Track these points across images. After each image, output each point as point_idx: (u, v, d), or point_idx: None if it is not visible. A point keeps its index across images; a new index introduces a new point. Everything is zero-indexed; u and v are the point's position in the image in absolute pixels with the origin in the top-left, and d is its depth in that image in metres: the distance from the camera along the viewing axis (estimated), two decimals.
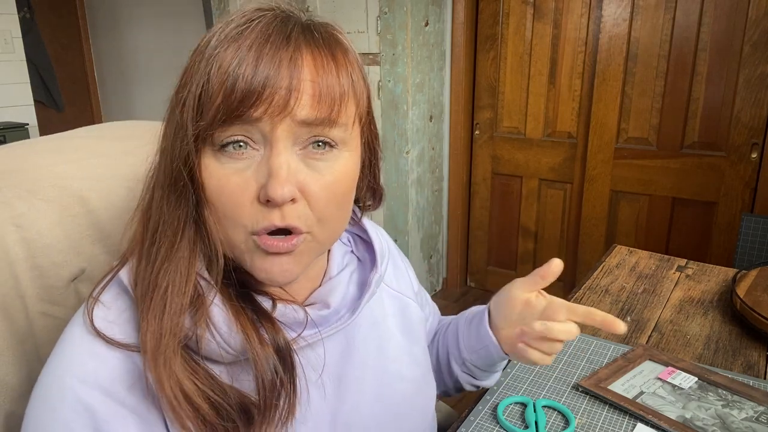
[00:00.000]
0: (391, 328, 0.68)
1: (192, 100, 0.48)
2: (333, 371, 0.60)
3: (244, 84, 0.46)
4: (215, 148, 0.48)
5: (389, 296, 0.70)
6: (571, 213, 2.68)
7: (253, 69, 0.46)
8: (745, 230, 1.79)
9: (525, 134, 2.70)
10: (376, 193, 0.64)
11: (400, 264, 0.76)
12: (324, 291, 0.59)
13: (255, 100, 0.46)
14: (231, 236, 0.50)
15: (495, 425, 0.76)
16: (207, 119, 0.47)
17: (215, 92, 0.47)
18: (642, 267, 1.28)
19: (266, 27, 0.49)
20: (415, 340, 0.71)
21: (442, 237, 2.98)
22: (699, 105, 2.25)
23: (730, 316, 1.05)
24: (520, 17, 2.58)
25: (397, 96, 2.52)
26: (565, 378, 0.86)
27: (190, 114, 0.48)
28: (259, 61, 0.47)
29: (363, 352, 0.63)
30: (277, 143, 0.47)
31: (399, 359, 0.67)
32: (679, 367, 0.86)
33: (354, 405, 0.61)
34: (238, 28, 0.49)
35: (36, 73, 3.98)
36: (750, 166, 2.20)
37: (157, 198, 0.52)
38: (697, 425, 0.73)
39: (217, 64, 0.47)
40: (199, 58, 0.49)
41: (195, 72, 0.49)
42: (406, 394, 0.66)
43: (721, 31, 2.15)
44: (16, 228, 0.61)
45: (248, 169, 0.48)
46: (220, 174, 0.48)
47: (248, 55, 0.47)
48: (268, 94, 0.46)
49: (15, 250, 0.61)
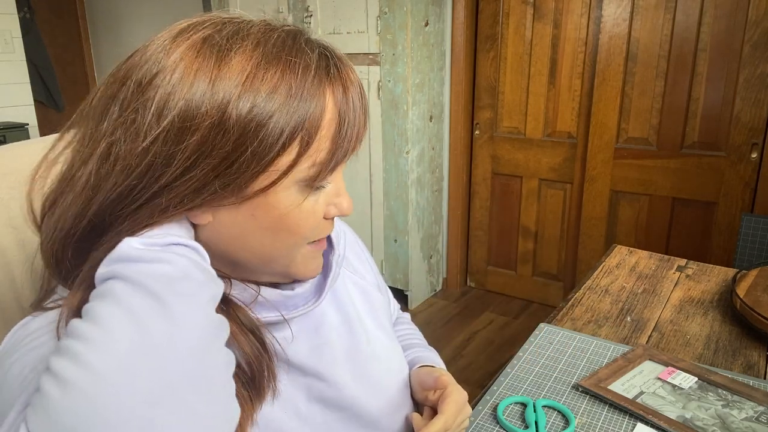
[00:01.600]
0: (360, 311, 0.69)
1: (281, 144, 0.47)
2: (305, 350, 0.61)
3: (353, 130, 0.51)
4: (304, 183, 0.51)
5: (353, 282, 0.71)
6: (571, 213, 2.68)
7: (354, 111, 0.51)
8: (745, 230, 1.79)
9: (525, 134, 2.70)
10: None
11: (361, 253, 0.78)
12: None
13: (358, 134, 0.52)
14: (293, 252, 0.54)
15: (495, 425, 0.75)
16: (313, 162, 0.49)
17: (326, 137, 0.49)
18: (642, 267, 1.28)
19: (333, 56, 0.52)
20: (382, 325, 0.72)
21: (442, 237, 2.98)
22: (699, 105, 2.25)
23: (730, 316, 1.05)
24: (520, 17, 2.58)
25: (397, 96, 2.52)
26: (565, 378, 0.86)
27: (279, 151, 0.47)
28: (355, 99, 0.52)
29: (334, 333, 0.64)
30: (340, 170, 0.54)
31: (370, 340, 0.68)
32: (679, 367, 0.86)
33: (331, 382, 0.61)
34: (309, 62, 0.49)
35: (36, 73, 3.98)
36: (750, 166, 2.20)
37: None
38: (697, 425, 0.73)
39: (322, 102, 0.49)
40: (280, 96, 0.47)
41: (286, 110, 0.47)
42: (381, 371, 0.67)
43: (721, 31, 2.15)
44: (13, 230, 0.61)
45: (320, 196, 0.53)
46: (306, 206, 0.52)
47: (347, 95, 0.51)
48: (362, 135, 0.53)
49: (12, 252, 0.61)
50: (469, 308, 2.85)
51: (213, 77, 0.45)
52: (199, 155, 0.45)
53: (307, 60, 0.49)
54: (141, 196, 0.46)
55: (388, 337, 0.71)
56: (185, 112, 0.45)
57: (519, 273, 2.90)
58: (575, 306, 1.10)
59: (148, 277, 0.42)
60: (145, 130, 0.45)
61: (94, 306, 0.41)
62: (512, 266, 2.92)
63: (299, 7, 2.67)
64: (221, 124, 0.45)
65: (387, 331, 0.72)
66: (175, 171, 0.45)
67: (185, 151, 0.45)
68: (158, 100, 0.45)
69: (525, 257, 2.86)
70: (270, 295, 0.56)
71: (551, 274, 2.81)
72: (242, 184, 0.47)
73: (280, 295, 0.57)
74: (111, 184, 0.46)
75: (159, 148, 0.45)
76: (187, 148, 0.45)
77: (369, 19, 2.51)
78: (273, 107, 0.46)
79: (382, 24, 2.47)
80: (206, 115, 0.45)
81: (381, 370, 0.67)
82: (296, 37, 0.50)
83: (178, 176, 0.45)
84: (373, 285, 0.75)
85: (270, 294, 0.56)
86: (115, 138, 0.46)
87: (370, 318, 0.70)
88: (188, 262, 0.44)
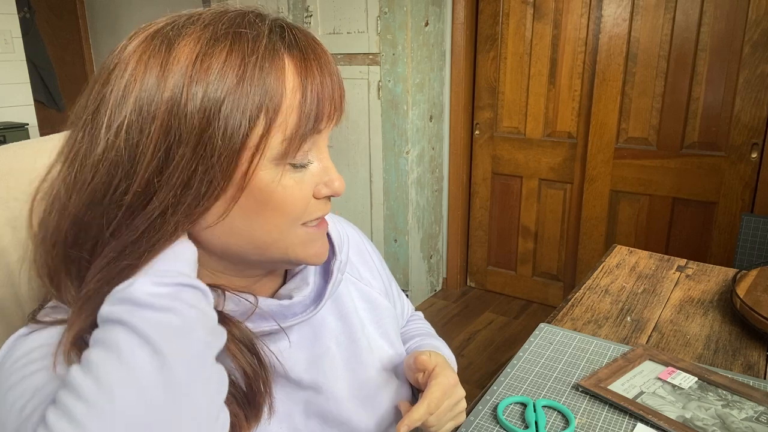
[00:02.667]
0: (363, 319, 0.68)
1: (248, 121, 0.46)
2: (303, 362, 0.60)
3: (317, 96, 0.49)
4: (280, 162, 0.49)
5: (357, 289, 0.70)
6: (571, 213, 2.68)
7: (320, 80, 0.49)
8: (745, 230, 1.79)
9: (525, 134, 2.70)
10: None
11: (370, 260, 0.76)
12: (289, 287, 0.60)
13: (326, 111, 0.50)
14: (288, 235, 0.52)
15: (495, 425, 0.75)
16: (284, 136, 0.48)
17: (290, 108, 0.48)
18: (642, 267, 1.28)
19: (296, 34, 0.50)
20: (386, 333, 0.70)
21: (442, 237, 2.98)
22: (699, 105, 2.25)
23: (730, 316, 1.05)
24: (520, 17, 2.58)
25: (397, 96, 2.52)
26: (565, 378, 0.85)
27: (242, 136, 0.46)
28: (321, 70, 0.49)
29: (333, 342, 0.63)
30: (325, 147, 0.53)
31: (373, 350, 0.67)
32: (679, 367, 0.86)
33: (328, 395, 0.60)
34: (265, 40, 0.48)
35: (36, 73, 3.98)
36: (750, 166, 2.20)
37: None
38: (697, 425, 0.73)
39: (282, 78, 0.47)
40: (230, 77, 0.46)
41: (241, 93, 0.46)
42: (381, 383, 0.66)
43: (721, 31, 2.15)
44: (12, 230, 0.61)
45: (306, 175, 0.52)
46: (290, 184, 0.50)
47: (310, 65, 0.49)
48: (329, 104, 0.50)
49: (11, 252, 0.61)
50: (469, 308, 2.85)
51: (163, 66, 0.46)
52: (168, 145, 0.45)
53: (257, 30, 0.48)
54: (123, 197, 0.45)
55: (392, 347, 0.70)
56: (140, 104, 0.45)
57: (519, 273, 2.90)
58: (575, 306, 1.10)
59: (154, 329, 0.41)
60: (107, 124, 0.45)
61: (96, 357, 0.41)
62: (512, 266, 2.92)
63: (299, 7, 2.67)
64: (179, 110, 0.45)
65: (391, 340, 0.71)
66: (149, 163, 0.45)
67: (151, 141, 0.45)
68: (114, 94, 0.46)
69: (525, 257, 2.86)
70: (268, 306, 0.56)
71: (551, 274, 2.81)
72: (225, 168, 0.46)
73: (279, 306, 0.56)
74: (81, 182, 0.46)
75: (123, 142, 0.45)
76: (151, 139, 0.45)
77: (369, 19, 2.51)
78: (227, 86, 0.45)
79: (382, 24, 2.47)
80: (162, 104, 0.45)
81: (379, 384, 0.66)
82: (246, 14, 0.49)
83: (156, 171, 0.45)
84: (381, 291, 0.73)
85: (269, 305, 0.56)
86: (82, 134, 0.47)
87: (373, 326, 0.69)
88: (196, 314, 0.44)
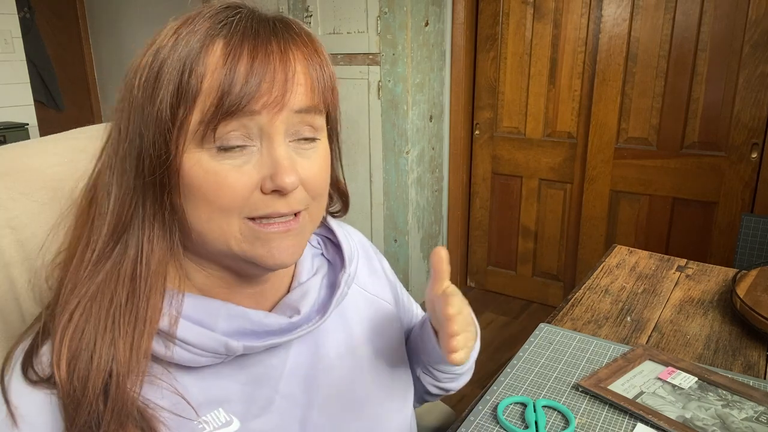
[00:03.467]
0: (366, 332, 0.67)
1: (172, 96, 0.47)
2: (301, 376, 0.59)
3: (243, 78, 0.46)
4: (211, 146, 0.48)
5: (364, 299, 0.69)
6: (571, 213, 2.68)
7: (250, 63, 0.47)
8: (745, 230, 1.79)
9: (525, 134, 2.70)
10: (340, 188, 0.65)
11: (378, 267, 0.75)
12: (294, 297, 0.59)
13: (255, 94, 0.47)
14: (225, 228, 0.49)
15: (495, 425, 0.75)
16: (203, 117, 0.47)
17: (211, 88, 0.46)
18: (642, 267, 1.28)
19: (249, 21, 0.49)
20: (391, 345, 0.70)
21: (442, 237, 2.97)
22: (699, 105, 2.25)
23: (730, 316, 1.05)
24: (520, 17, 2.57)
25: (397, 96, 2.52)
26: (565, 378, 0.85)
27: (167, 112, 0.47)
28: (255, 54, 0.47)
29: (333, 356, 0.62)
30: (277, 136, 0.49)
31: (373, 364, 0.66)
32: (679, 367, 0.86)
33: (324, 411, 0.60)
34: (217, 23, 0.48)
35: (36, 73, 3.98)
36: (750, 166, 2.20)
37: (113, 204, 0.50)
38: (697, 425, 0.73)
39: (205, 60, 0.47)
40: (172, 53, 0.47)
41: (170, 68, 0.47)
42: (381, 399, 0.65)
43: (721, 31, 2.15)
44: (11, 230, 0.61)
45: (247, 164, 0.49)
46: (218, 170, 0.48)
47: (242, 50, 0.47)
48: (266, 88, 0.47)
49: (9, 253, 0.60)
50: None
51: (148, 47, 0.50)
52: (125, 112, 0.50)
53: (210, 10, 0.49)
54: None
55: (394, 361, 0.69)
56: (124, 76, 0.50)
57: (519, 273, 2.90)
58: (575, 306, 1.10)
59: None
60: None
61: None
62: (512, 266, 2.92)
63: (299, 7, 2.67)
64: (133, 78, 0.49)
65: (397, 350, 0.70)
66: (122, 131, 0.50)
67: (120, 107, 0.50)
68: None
69: (525, 257, 2.86)
70: (279, 324, 0.55)
71: (551, 274, 2.81)
72: (169, 143, 0.48)
73: (289, 324, 0.56)
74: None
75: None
76: (121, 105, 0.50)
77: (369, 19, 2.51)
78: (164, 55, 0.48)
79: (382, 24, 2.47)
80: (126, 77, 0.50)
81: (376, 401, 0.65)
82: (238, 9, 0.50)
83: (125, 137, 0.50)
84: (390, 301, 0.73)
85: (279, 323, 0.55)
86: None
87: (378, 338, 0.68)
88: None
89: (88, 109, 4.43)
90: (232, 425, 0.53)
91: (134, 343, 0.47)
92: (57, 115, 4.23)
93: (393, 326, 0.71)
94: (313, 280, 0.61)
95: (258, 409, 0.56)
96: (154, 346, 0.49)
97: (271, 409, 0.56)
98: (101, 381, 0.46)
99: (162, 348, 0.50)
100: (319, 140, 0.53)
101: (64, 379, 0.46)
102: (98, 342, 0.47)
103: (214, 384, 0.54)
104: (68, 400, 0.46)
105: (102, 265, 0.49)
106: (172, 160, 0.48)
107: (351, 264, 0.62)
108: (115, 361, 0.46)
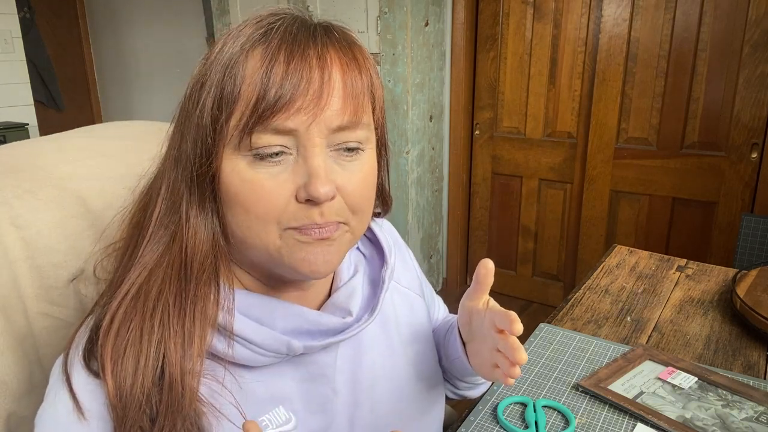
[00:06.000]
0: (401, 326, 0.68)
1: (213, 102, 0.48)
2: (347, 374, 0.60)
3: (279, 82, 0.47)
4: (248, 153, 0.48)
5: (399, 294, 0.70)
6: (571, 213, 2.68)
7: (286, 67, 0.47)
8: (745, 230, 1.79)
9: (525, 134, 2.70)
10: (384, 194, 0.64)
11: (408, 259, 0.75)
12: (341, 297, 0.59)
13: (289, 97, 0.46)
14: (264, 236, 0.49)
15: (495, 425, 0.76)
16: (239, 122, 0.47)
17: (249, 93, 0.47)
18: (642, 267, 1.28)
19: (290, 27, 0.49)
20: (424, 338, 0.70)
21: (442, 237, 2.98)
22: (699, 105, 2.25)
23: (730, 316, 1.05)
24: (520, 17, 2.58)
25: (397, 96, 2.52)
26: (565, 378, 0.86)
27: (208, 118, 0.48)
28: (291, 58, 0.47)
29: (374, 353, 0.63)
30: (313, 145, 0.48)
31: (411, 358, 0.67)
32: (679, 367, 0.86)
33: (370, 407, 0.61)
34: (259, 30, 0.49)
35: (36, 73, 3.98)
36: (750, 166, 2.20)
37: (163, 205, 0.51)
38: (697, 425, 0.73)
39: (245, 65, 0.47)
40: (217, 61, 0.48)
41: (214, 75, 0.48)
42: (422, 392, 0.66)
43: (721, 31, 2.15)
44: (16, 228, 0.61)
45: (283, 173, 0.48)
46: (254, 178, 0.48)
47: (279, 54, 0.47)
48: (302, 91, 0.47)
49: (14, 251, 0.61)
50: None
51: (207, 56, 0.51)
52: (179, 119, 0.52)
53: (256, 17, 0.50)
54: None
55: (427, 354, 0.70)
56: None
57: (519, 273, 2.90)
58: (575, 306, 1.11)
59: None
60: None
61: None
62: (512, 266, 2.92)
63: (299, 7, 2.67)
64: (188, 87, 0.51)
65: (429, 343, 0.71)
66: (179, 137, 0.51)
67: (176, 114, 0.52)
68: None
69: (525, 257, 2.86)
70: (328, 322, 0.56)
71: (551, 274, 2.81)
72: (210, 148, 0.48)
73: (342, 323, 0.56)
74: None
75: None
76: (177, 112, 0.52)
77: (369, 19, 2.51)
78: (211, 62, 0.49)
79: (382, 24, 2.47)
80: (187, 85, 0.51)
81: (420, 390, 0.67)
82: (289, 18, 0.52)
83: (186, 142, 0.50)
84: (420, 294, 0.73)
85: (327, 321, 0.56)
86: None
87: (411, 332, 0.69)
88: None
89: (88, 109, 4.43)
90: (290, 423, 0.54)
91: (186, 340, 0.48)
92: (57, 115, 4.23)
93: (425, 320, 0.72)
94: (356, 278, 0.61)
95: (316, 406, 0.57)
96: (216, 344, 0.50)
97: (326, 408, 0.57)
98: (149, 381, 0.46)
99: (224, 346, 0.50)
100: (363, 151, 0.51)
101: (111, 384, 0.46)
102: (144, 342, 0.47)
103: (274, 382, 0.54)
104: (116, 401, 0.46)
105: (148, 262, 0.50)
106: (212, 167, 0.48)
107: (391, 257, 0.63)
108: (166, 360, 0.47)
